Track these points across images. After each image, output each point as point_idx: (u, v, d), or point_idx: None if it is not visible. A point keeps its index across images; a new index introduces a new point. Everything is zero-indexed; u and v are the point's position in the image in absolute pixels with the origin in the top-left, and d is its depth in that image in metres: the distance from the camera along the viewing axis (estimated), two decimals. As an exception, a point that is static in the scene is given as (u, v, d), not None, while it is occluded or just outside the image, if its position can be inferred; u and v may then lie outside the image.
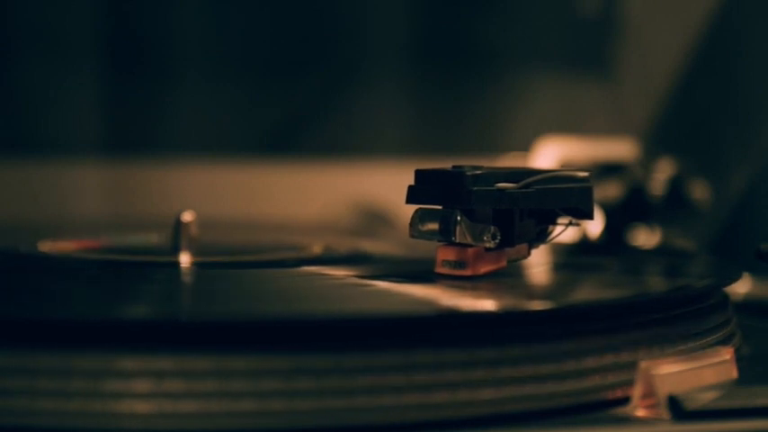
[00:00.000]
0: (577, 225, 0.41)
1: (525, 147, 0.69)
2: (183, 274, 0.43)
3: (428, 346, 0.32)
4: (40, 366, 0.30)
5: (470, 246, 0.38)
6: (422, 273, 0.40)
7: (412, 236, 0.39)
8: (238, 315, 0.33)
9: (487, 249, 0.39)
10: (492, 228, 0.39)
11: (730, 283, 0.42)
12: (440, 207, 0.39)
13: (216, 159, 0.75)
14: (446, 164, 0.40)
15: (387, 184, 0.68)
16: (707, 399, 0.33)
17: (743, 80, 0.72)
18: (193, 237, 0.46)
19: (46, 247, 0.49)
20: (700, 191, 0.61)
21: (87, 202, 0.73)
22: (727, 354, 0.36)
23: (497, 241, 0.39)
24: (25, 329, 0.31)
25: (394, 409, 0.31)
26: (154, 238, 0.53)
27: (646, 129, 0.75)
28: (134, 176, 0.74)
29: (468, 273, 0.38)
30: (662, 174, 0.61)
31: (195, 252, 0.46)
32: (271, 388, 0.31)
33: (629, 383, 0.33)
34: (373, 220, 0.72)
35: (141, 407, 0.30)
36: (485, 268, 0.39)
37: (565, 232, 0.41)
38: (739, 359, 0.36)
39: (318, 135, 0.77)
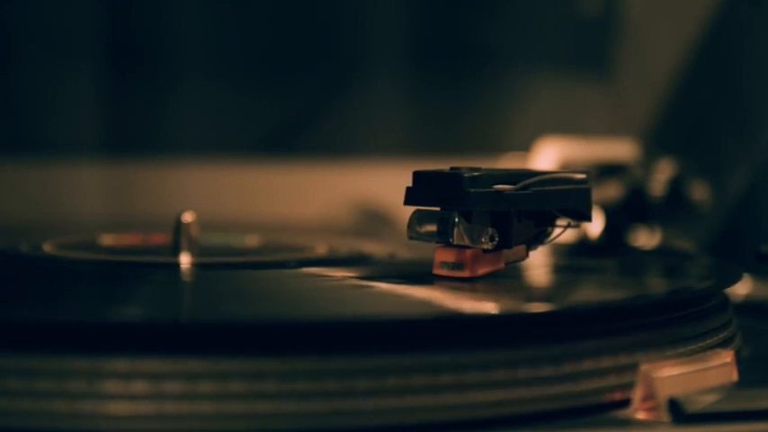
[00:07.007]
0: (576, 227, 0.41)
1: (525, 147, 0.69)
2: (183, 275, 0.43)
3: (425, 349, 0.32)
4: (36, 368, 0.30)
5: (468, 247, 0.38)
6: (420, 274, 0.40)
7: (410, 237, 0.39)
8: (237, 316, 0.33)
9: (485, 251, 0.39)
10: (490, 229, 0.39)
11: (730, 285, 0.42)
12: (438, 209, 0.39)
13: (216, 159, 0.75)
14: (446, 164, 0.40)
15: (387, 184, 0.68)
16: (707, 401, 0.33)
17: (743, 80, 0.72)
18: (194, 237, 0.46)
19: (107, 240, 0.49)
20: (700, 191, 0.61)
21: (87, 202, 0.73)
22: (727, 356, 0.36)
23: (495, 243, 0.39)
24: (24, 330, 0.31)
25: (393, 410, 0.31)
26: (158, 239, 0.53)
27: (646, 129, 0.75)
28: (134, 176, 0.74)
29: (466, 274, 0.38)
30: (662, 174, 0.61)
31: (195, 253, 0.46)
32: (273, 390, 0.31)
33: (630, 386, 0.33)
34: (373, 220, 0.72)
35: (136, 408, 0.30)
36: (483, 270, 0.39)
37: (564, 233, 0.41)
38: (739, 361, 0.36)
39: (318, 135, 0.77)
